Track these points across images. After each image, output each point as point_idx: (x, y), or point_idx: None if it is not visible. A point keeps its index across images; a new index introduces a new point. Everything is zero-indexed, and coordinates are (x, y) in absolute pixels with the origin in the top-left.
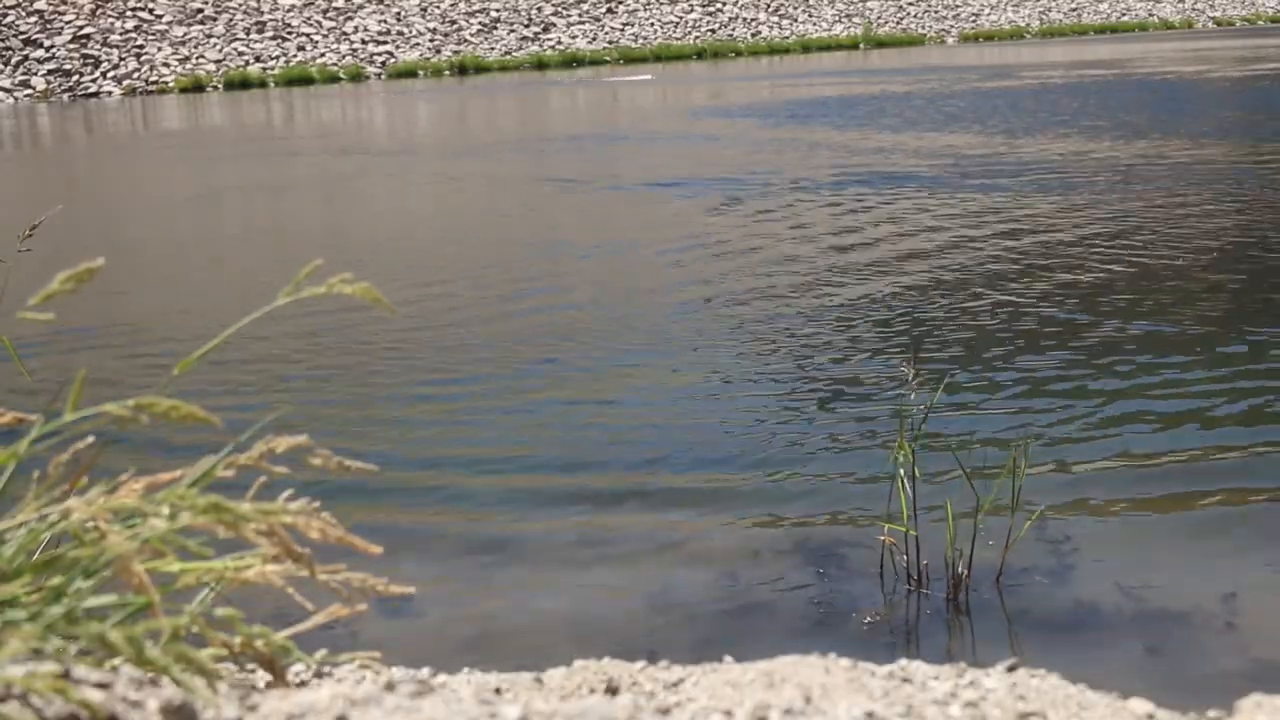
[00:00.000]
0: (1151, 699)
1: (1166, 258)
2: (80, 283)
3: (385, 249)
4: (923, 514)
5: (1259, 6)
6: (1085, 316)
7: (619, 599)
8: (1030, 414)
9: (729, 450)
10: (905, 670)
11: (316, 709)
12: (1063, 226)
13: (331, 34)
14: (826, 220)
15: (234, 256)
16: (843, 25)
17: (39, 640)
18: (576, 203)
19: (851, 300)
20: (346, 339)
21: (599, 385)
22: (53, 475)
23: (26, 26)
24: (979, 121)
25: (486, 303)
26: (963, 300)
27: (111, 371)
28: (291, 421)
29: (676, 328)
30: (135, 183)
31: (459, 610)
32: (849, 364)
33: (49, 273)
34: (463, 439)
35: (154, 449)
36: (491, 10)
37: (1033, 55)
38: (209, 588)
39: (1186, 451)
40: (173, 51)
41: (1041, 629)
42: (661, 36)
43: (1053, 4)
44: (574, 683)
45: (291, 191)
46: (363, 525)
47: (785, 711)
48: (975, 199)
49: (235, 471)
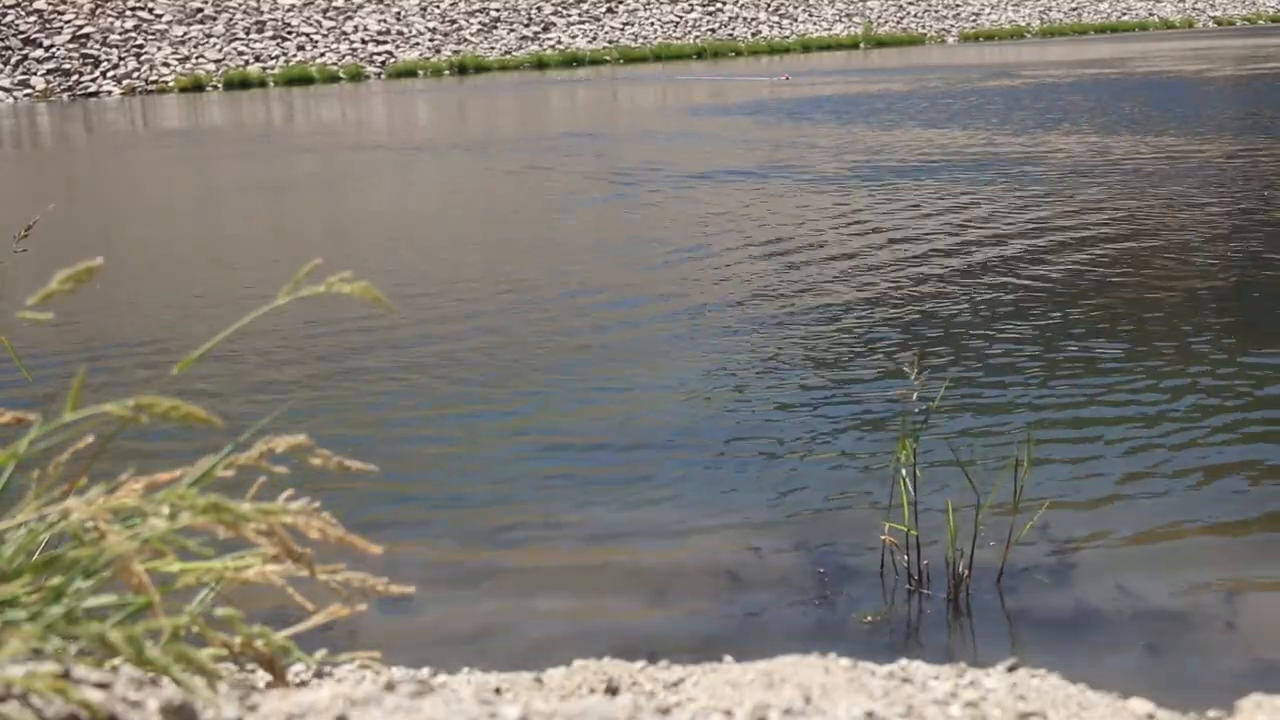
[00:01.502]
0: (1151, 699)
1: (1169, 258)
2: (79, 282)
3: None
4: (923, 514)
5: (1260, 6)
6: (1087, 316)
7: (619, 599)
8: (1031, 414)
9: (729, 450)
10: (905, 670)
11: (316, 709)
12: (1066, 226)
13: (331, 34)
14: (825, 220)
15: (235, 256)
16: (843, 25)
17: (39, 640)
18: (576, 201)
19: (851, 299)
20: (347, 338)
21: (599, 386)
22: (53, 475)
23: (26, 26)
24: (980, 120)
25: (486, 302)
26: (964, 299)
27: (111, 372)
28: (291, 421)
29: (676, 328)
30: (135, 182)
31: (459, 610)
32: (849, 363)
33: (48, 273)
34: (463, 439)
35: (154, 449)
36: (491, 10)
37: (1033, 55)
38: (209, 588)
39: (1187, 451)
40: (172, 51)
41: (1041, 629)
42: (661, 36)
43: (1053, 3)
44: (574, 683)
45: (294, 191)
46: (363, 525)
47: (785, 711)
48: (975, 198)
49: (235, 471)
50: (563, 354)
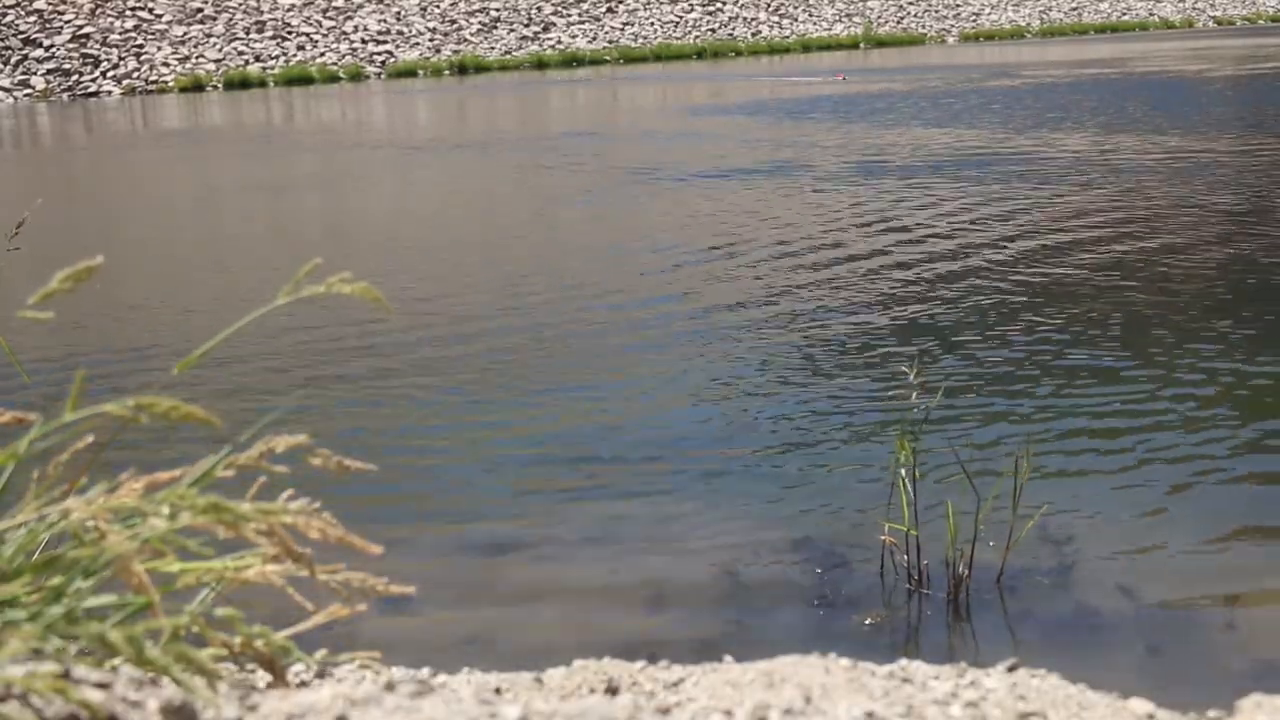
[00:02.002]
0: (1151, 699)
1: (1170, 259)
2: (79, 281)
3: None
4: (923, 514)
5: (1260, 6)
6: (1088, 316)
7: (619, 599)
8: (1032, 414)
9: (729, 450)
10: (905, 670)
11: (316, 709)
12: (1067, 225)
13: (331, 33)
14: (825, 219)
15: (235, 256)
16: (843, 25)
17: (39, 640)
18: (575, 203)
19: (851, 299)
20: (348, 338)
21: (599, 386)
22: (53, 475)
23: (26, 26)
24: (981, 119)
25: (486, 302)
26: (964, 299)
27: (111, 371)
28: (292, 420)
29: (676, 329)
30: (135, 182)
31: (459, 610)
32: (849, 363)
33: (48, 272)
34: (463, 438)
35: (154, 449)
36: (491, 10)
37: (1033, 54)
38: (209, 588)
39: (1187, 452)
40: (172, 51)
41: (1042, 629)
42: (661, 36)
43: (1053, 3)
44: (574, 683)
45: (294, 191)
46: (363, 525)
47: (785, 711)
48: (975, 197)
49: (235, 471)
50: (563, 354)
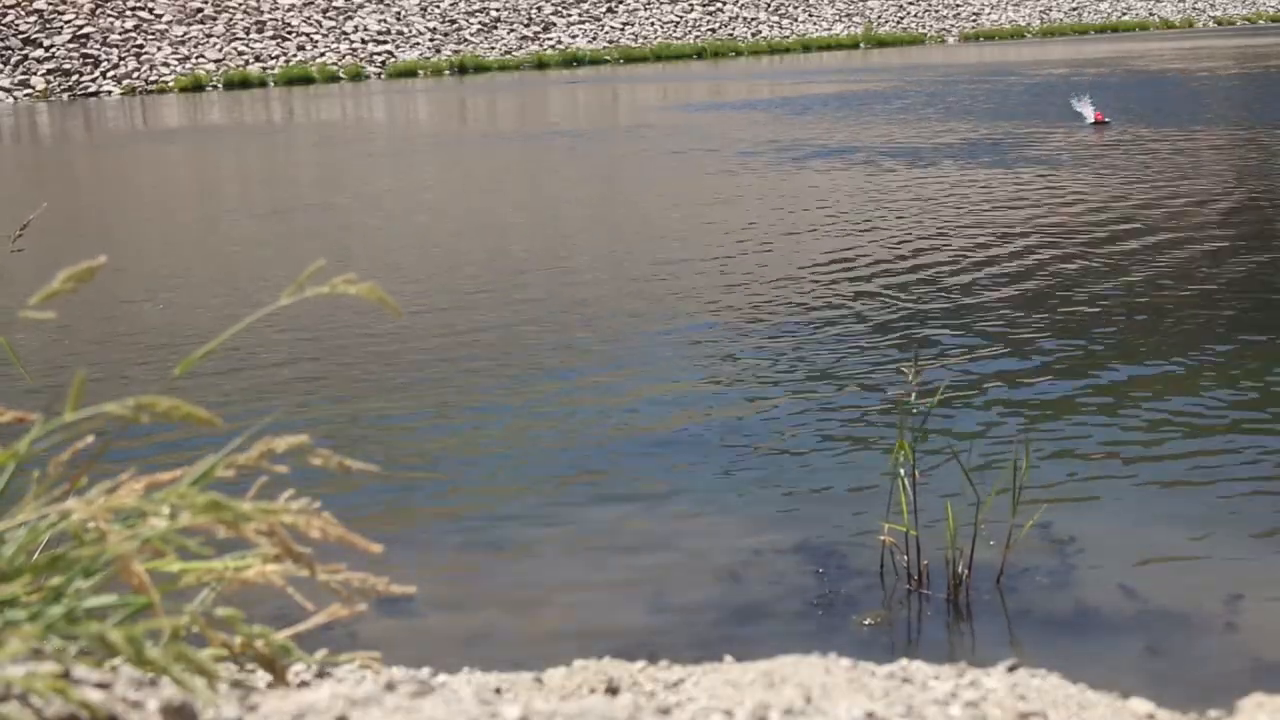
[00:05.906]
0: (1151, 699)
1: (1171, 258)
2: (81, 281)
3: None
4: (923, 514)
5: (1260, 5)
6: (1088, 316)
7: (619, 599)
8: (1031, 414)
9: (729, 450)
10: (905, 670)
11: (317, 709)
12: (1068, 225)
13: (331, 34)
14: (824, 219)
15: (235, 256)
16: (843, 25)
17: (39, 640)
18: (575, 202)
19: (851, 299)
20: (349, 338)
21: (599, 386)
22: (53, 475)
23: (26, 26)
24: (983, 118)
25: (487, 301)
26: (964, 299)
27: (112, 371)
28: (291, 420)
29: (676, 329)
30: (135, 182)
31: (459, 610)
32: (849, 363)
33: (49, 272)
34: (463, 438)
35: (154, 449)
36: (491, 10)
37: (1033, 54)
38: (209, 588)
39: (1188, 451)
40: (172, 51)
41: (1041, 629)
42: (661, 36)
43: (1053, 3)
44: (574, 683)
45: (294, 190)
46: (363, 525)
47: (785, 711)
48: (976, 197)
49: (235, 471)
50: (562, 353)
